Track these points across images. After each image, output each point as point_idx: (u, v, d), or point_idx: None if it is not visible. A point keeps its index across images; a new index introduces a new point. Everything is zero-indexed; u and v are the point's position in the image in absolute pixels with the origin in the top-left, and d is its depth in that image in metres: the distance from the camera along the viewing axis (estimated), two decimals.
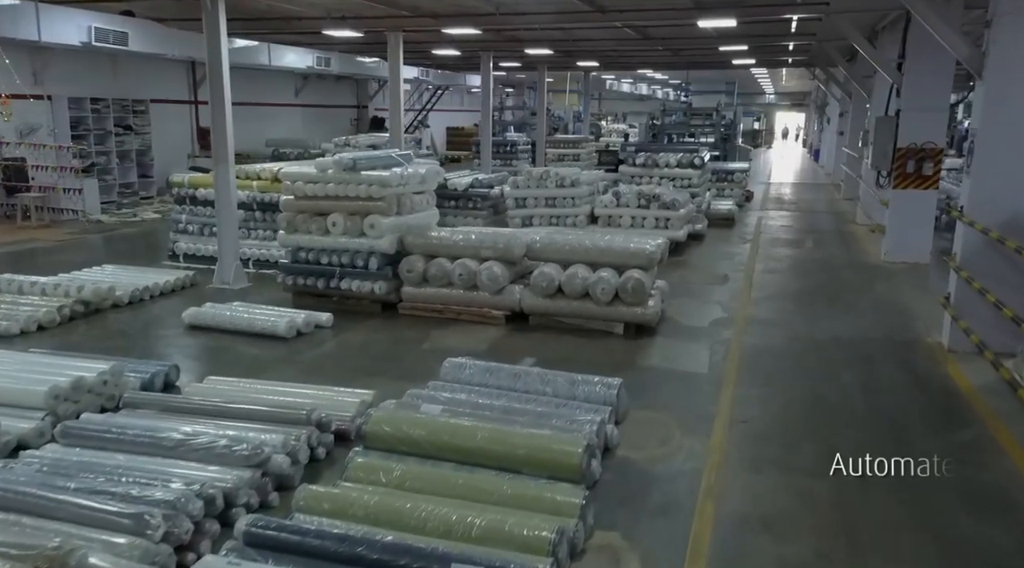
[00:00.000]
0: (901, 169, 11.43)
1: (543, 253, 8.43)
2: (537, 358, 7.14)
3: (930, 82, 11.08)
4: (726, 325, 8.40)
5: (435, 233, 8.76)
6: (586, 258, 8.28)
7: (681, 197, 12.70)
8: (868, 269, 11.40)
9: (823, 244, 13.62)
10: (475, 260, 8.50)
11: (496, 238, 8.53)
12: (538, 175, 13.03)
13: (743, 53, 19.78)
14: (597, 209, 12.84)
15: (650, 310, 7.94)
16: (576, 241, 8.35)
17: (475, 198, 13.49)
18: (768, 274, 11.18)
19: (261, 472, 4.43)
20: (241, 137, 23.00)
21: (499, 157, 22.77)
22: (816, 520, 4.36)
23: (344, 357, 7.31)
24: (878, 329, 8.26)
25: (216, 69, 9.39)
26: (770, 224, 16.04)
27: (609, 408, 5.42)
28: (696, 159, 13.84)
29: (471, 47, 17.97)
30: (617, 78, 36.44)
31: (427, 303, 8.60)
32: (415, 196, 9.13)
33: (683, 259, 12.21)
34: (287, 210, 9.00)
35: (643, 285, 7.86)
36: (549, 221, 13.09)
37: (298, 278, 8.95)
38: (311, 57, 18.08)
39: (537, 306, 8.24)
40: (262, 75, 22.61)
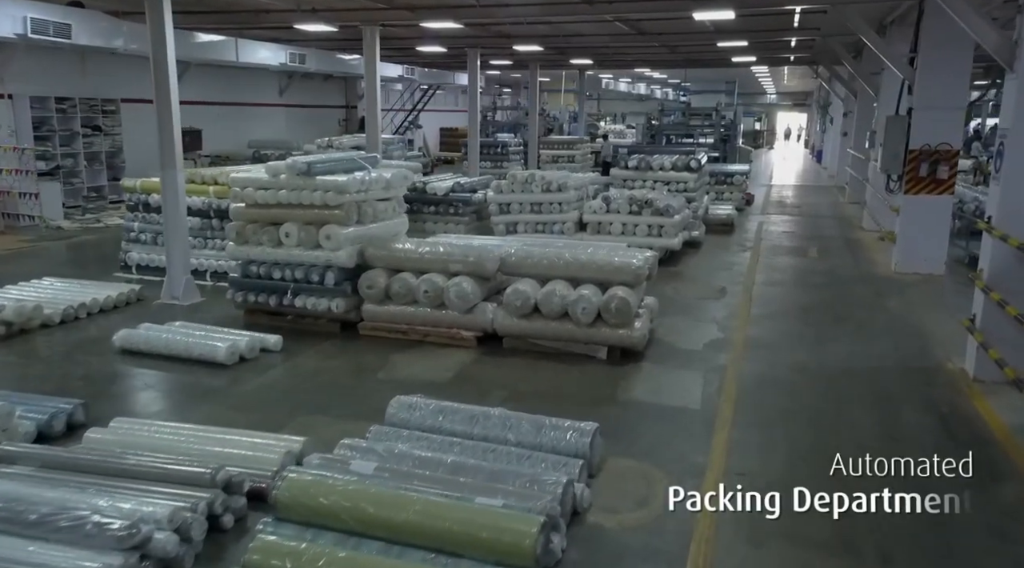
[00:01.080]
0: (913, 172, 10.56)
1: (518, 268, 7.56)
2: (507, 390, 6.29)
3: (945, 78, 10.21)
4: (722, 348, 7.53)
5: (399, 245, 7.89)
6: (566, 273, 7.42)
7: (675, 202, 11.83)
8: (878, 282, 10.52)
9: (828, 253, 12.74)
10: (443, 275, 7.63)
11: (466, 251, 7.66)
12: (523, 179, 12.17)
13: (743, 50, 18.90)
14: (586, 215, 11.97)
15: (636, 332, 7.08)
16: (555, 255, 7.48)
17: (456, 203, 12.64)
18: (769, 287, 10.31)
19: (140, 555, 3.57)
20: (222, 138, 22.52)
21: (489, 159, 21.90)
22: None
23: (287, 389, 6.44)
24: (893, 354, 7.38)
25: (161, 64, 8.54)
26: (771, 230, 15.16)
27: (581, 461, 4.55)
28: (692, 162, 12.97)
29: (457, 43, 17.10)
30: (615, 77, 35.57)
31: (390, 323, 7.74)
32: (379, 203, 8.26)
33: (678, 269, 11.34)
34: (237, 219, 8.14)
35: (628, 305, 7.00)
36: (535, 228, 12.24)
37: (249, 294, 8.09)
38: (284, 53, 17.16)
39: (511, 327, 7.38)
40: (244, 74, 21.78)
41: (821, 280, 10.70)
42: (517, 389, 6.34)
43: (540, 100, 36.32)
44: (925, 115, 10.35)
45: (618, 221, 11.78)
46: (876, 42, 11.01)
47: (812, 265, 11.78)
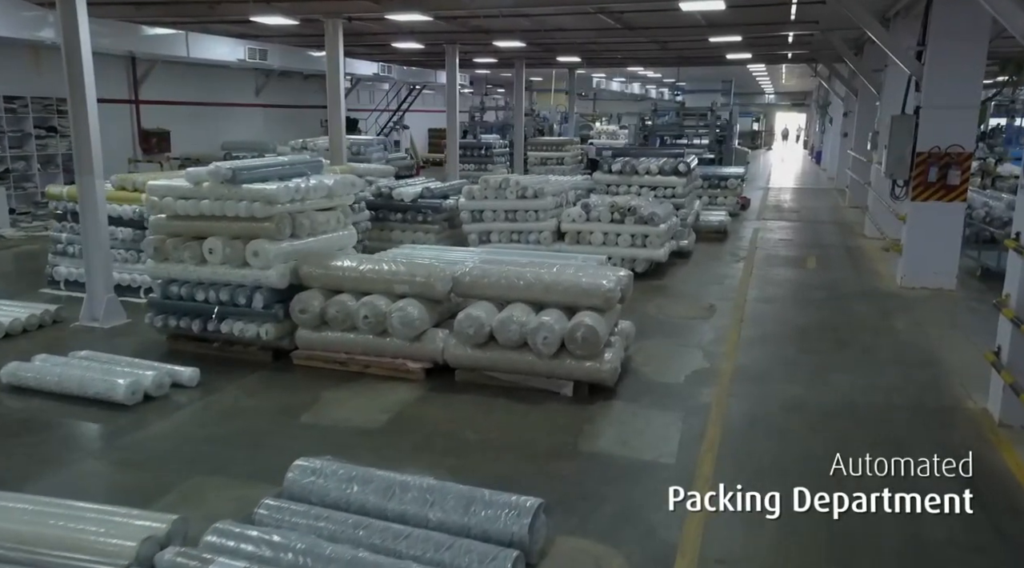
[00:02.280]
0: (921, 177, 9.60)
1: (473, 289, 6.59)
2: (449, 439, 5.33)
3: (957, 73, 9.27)
4: (706, 381, 6.56)
5: (338, 263, 6.90)
6: (527, 296, 6.45)
7: (661, 210, 10.85)
8: (882, 298, 9.55)
9: (828, 263, 11.77)
10: (388, 297, 6.66)
11: (414, 270, 6.68)
12: (496, 184, 11.19)
13: (737, 46, 17.94)
14: (564, 224, 11.00)
15: (606, 366, 6.10)
16: (515, 275, 6.50)
17: (425, 210, 11.66)
18: (763, 304, 9.34)
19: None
20: (195, 139, 21.53)
21: (473, 161, 20.95)
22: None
23: (190, 437, 5.46)
24: (902, 388, 6.41)
25: (74, 55, 7.56)
26: (767, 237, 14.19)
27: (515, 554, 3.58)
28: (680, 165, 11.99)
29: (434, 39, 16.13)
30: (608, 76, 34.62)
31: (327, 351, 6.77)
32: (319, 214, 7.29)
33: (663, 283, 10.39)
34: (157, 232, 7.17)
35: (596, 334, 6.02)
36: (510, 237, 11.27)
37: (170, 318, 7.12)
38: (243, 49, 16.08)
39: (464, 358, 6.40)
40: (218, 73, 20.81)
41: (820, 295, 9.73)
42: (461, 438, 5.37)
43: (529, 100, 35.50)
44: (934, 114, 9.42)
45: (599, 230, 10.81)
46: (880, 34, 10.05)
47: (811, 278, 10.81)
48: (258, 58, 15.82)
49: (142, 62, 18.32)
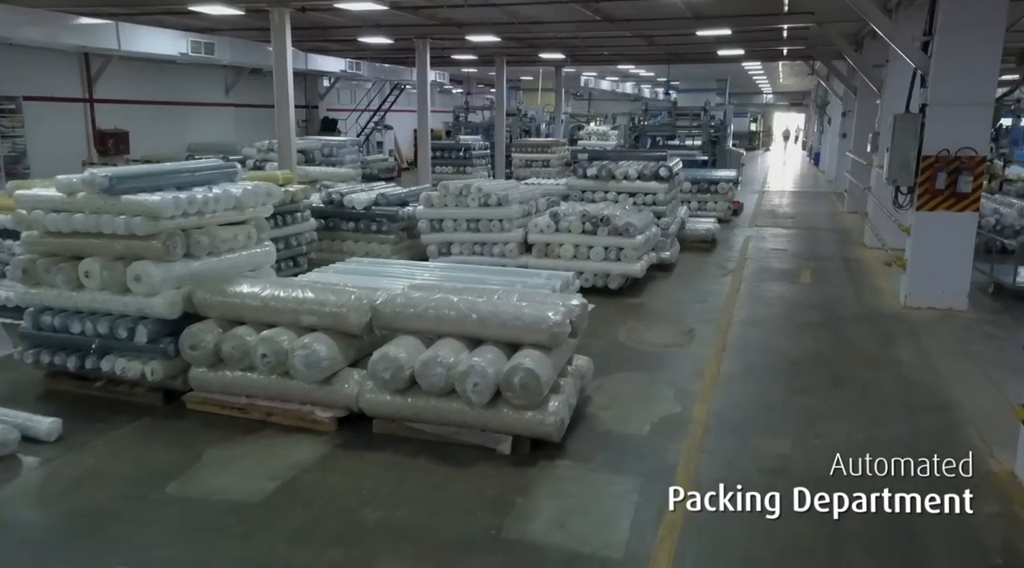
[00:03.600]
0: (928, 184, 8.53)
1: (396, 321, 5.49)
2: (342, 522, 4.25)
3: (968, 67, 8.20)
4: (676, 431, 5.47)
5: (239, 288, 5.81)
6: (460, 330, 5.36)
7: (639, 219, 9.77)
8: (885, 320, 8.47)
9: (825, 278, 10.68)
10: (294, 331, 5.58)
11: (324, 298, 5.58)
12: (456, 191, 10.11)
13: (728, 40, 16.86)
14: (531, 235, 9.92)
15: (551, 417, 5.02)
16: (445, 304, 5.40)
17: (379, 219, 10.56)
18: (750, 327, 8.26)
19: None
20: (159, 140, 20.38)
21: (451, 164, 19.85)
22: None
23: (8, 523, 4.35)
24: (910, 444, 5.31)
25: None
26: (760, 247, 13.11)
27: None
28: (662, 169, 10.89)
29: (403, 33, 15.05)
30: (600, 75, 33.53)
31: (226, 395, 5.68)
32: (223, 230, 6.20)
33: (639, 301, 9.30)
34: (29, 251, 6.08)
35: (537, 380, 4.94)
36: (472, 249, 10.18)
37: (43, 352, 6.02)
38: (185, 42, 14.81)
39: (382, 406, 5.32)
40: (182, 70, 19.71)
41: (815, 317, 8.64)
42: (358, 519, 4.27)
43: (516, 99, 34.42)
44: (942, 113, 8.36)
45: (569, 242, 9.73)
46: (882, 23, 8.95)
47: (805, 295, 9.72)
48: (203, 52, 14.62)
49: (96, 58, 17.21)
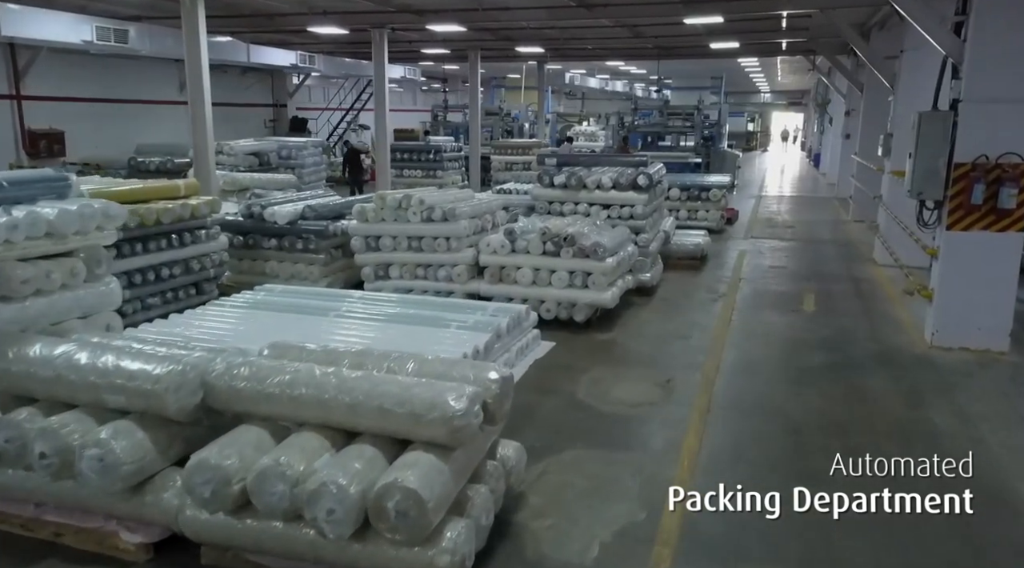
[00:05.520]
0: (962, 197, 6.94)
1: (237, 402, 3.86)
2: None
3: (1015, 51, 6.63)
4: (637, 559, 3.87)
5: (26, 350, 4.16)
6: (324, 418, 3.74)
7: (611, 237, 8.17)
8: (908, 367, 6.87)
9: (831, 304, 9.07)
10: (97, 415, 3.96)
11: (136, 368, 3.94)
12: (395, 203, 8.50)
13: (721, 31, 15.23)
14: (483, 256, 8.32)
15: (444, 558, 3.41)
16: (302, 379, 3.77)
17: (306, 236, 8.94)
18: (742, 376, 6.66)
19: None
20: (104, 141, 18.66)
21: (420, 167, 18.22)
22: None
23: None
24: None
25: None
26: (756, 263, 11.51)
27: None
28: (640, 177, 9.27)
29: (356, 22, 13.42)
30: (589, 72, 31.92)
31: (7, 501, 4.07)
32: (23, 267, 4.58)
33: (610, 338, 7.70)
34: None
35: (422, 505, 3.32)
36: (414, 273, 8.58)
37: None
38: (89, 28, 12.88)
39: (209, 530, 3.69)
40: (132, 66, 18.07)
41: (821, 361, 7.03)
42: None
43: (499, 97, 32.80)
44: (980, 110, 6.80)
45: (528, 265, 8.13)
46: (905, 1, 7.34)
47: (808, 328, 8.11)
48: (113, 40, 12.81)
49: (23, 50, 15.57)
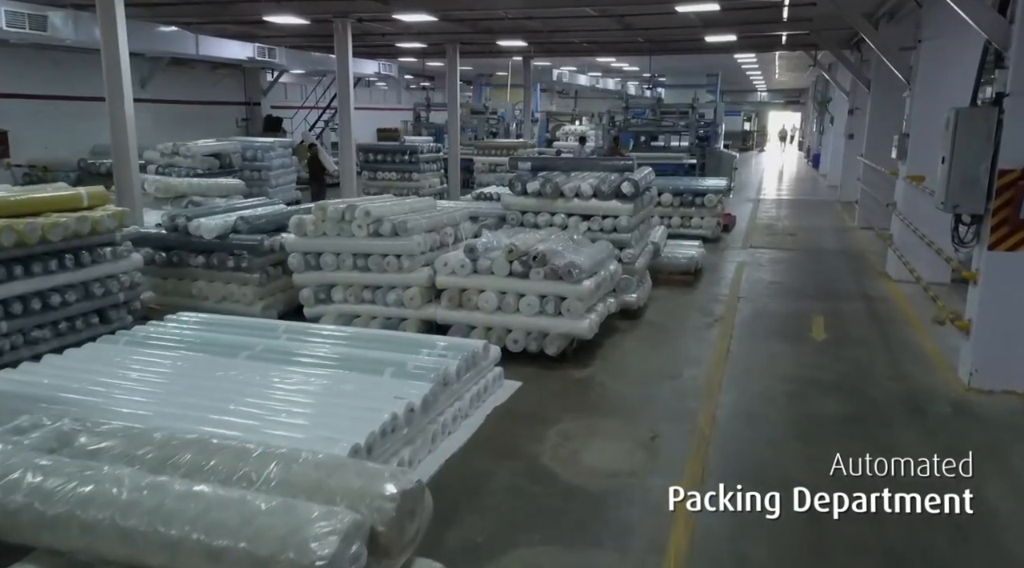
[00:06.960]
0: (1008, 211, 5.76)
1: (21, 532, 2.65)
2: None
3: None
4: None
5: None
6: (132, 559, 2.52)
7: (587, 256, 6.97)
8: (943, 414, 5.68)
9: (844, 331, 7.87)
10: None
11: None
12: (337, 214, 7.28)
13: (716, 22, 14.04)
14: (440, 277, 7.11)
15: None
16: (98, 499, 2.56)
17: (238, 252, 7.72)
18: (742, 429, 5.46)
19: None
20: (54, 142, 17.37)
21: (394, 169, 16.99)
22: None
23: None
24: None
25: None
26: (756, 278, 10.33)
27: None
28: (625, 185, 8.05)
29: (316, 11, 12.20)
30: (579, 70, 30.68)
31: None
32: None
33: (587, 375, 6.50)
34: None
35: None
36: (360, 296, 7.37)
37: None
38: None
39: None
40: (86, 60, 16.75)
41: (836, 411, 5.82)
42: None
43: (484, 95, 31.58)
44: None
45: (492, 288, 6.92)
46: None
47: (819, 363, 6.91)
48: (27, 27, 11.39)
49: None
